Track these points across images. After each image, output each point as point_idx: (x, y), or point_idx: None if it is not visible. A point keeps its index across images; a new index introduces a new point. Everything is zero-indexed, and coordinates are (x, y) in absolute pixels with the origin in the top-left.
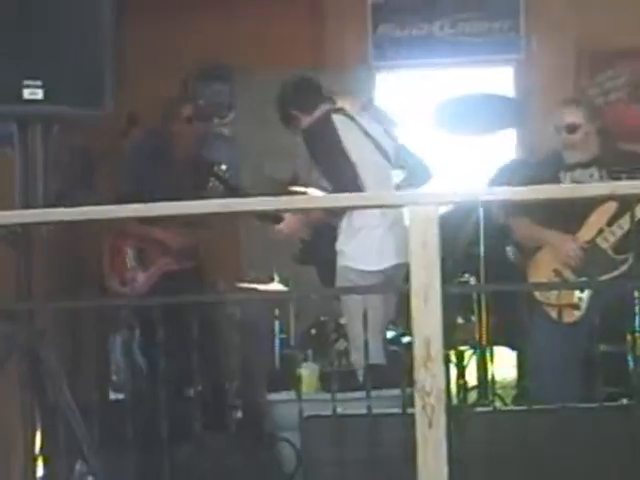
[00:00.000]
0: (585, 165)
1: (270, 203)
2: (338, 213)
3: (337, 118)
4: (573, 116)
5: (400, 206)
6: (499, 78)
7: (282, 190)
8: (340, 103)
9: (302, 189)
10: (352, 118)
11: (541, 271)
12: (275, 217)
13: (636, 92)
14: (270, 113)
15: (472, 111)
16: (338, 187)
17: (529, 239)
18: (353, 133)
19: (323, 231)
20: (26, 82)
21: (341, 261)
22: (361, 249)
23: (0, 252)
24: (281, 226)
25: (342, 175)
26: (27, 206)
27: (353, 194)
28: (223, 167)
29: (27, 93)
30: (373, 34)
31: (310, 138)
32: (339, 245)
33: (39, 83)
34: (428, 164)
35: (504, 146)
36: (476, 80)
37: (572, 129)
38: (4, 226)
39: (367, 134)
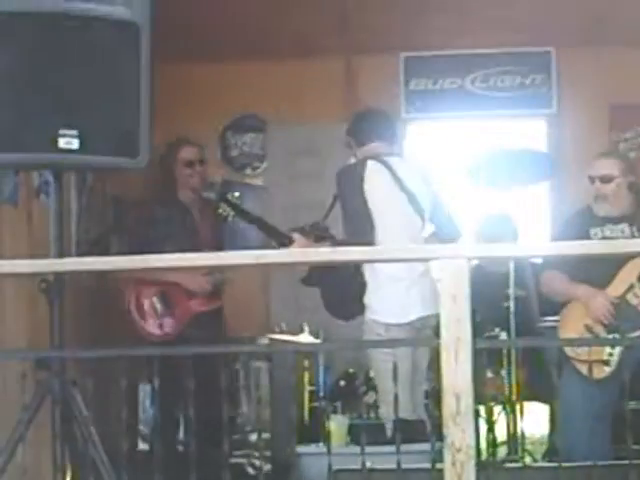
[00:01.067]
0: (616, 221)
1: (301, 255)
2: None
3: (371, 164)
4: (608, 168)
5: (432, 259)
6: (531, 132)
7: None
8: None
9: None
10: (389, 167)
11: (572, 326)
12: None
13: None
14: (301, 165)
15: (504, 165)
16: (349, 237)
17: (559, 293)
18: (385, 181)
19: None
20: (62, 131)
21: (368, 315)
22: (387, 302)
23: (35, 301)
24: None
25: (357, 223)
26: (61, 254)
27: (384, 247)
28: (236, 194)
29: (63, 142)
30: (405, 87)
31: (337, 181)
32: (367, 299)
33: (75, 132)
34: (458, 221)
35: (537, 200)
36: (508, 134)
37: (606, 180)
38: (39, 274)
39: (402, 184)
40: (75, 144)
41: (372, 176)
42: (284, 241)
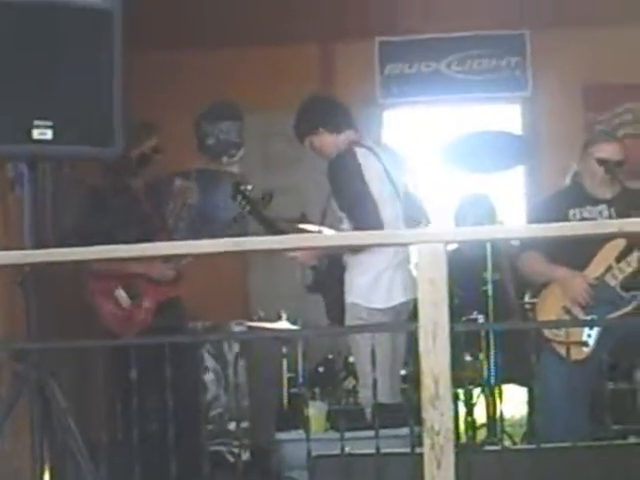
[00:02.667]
0: (595, 202)
1: (280, 242)
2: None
3: (360, 151)
4: (621, 153)
5: (408, 244)
6: (506, 115)
7: (291, 228)
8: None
9: (310, 227)
10: (374, 153)
11: (550, 308)
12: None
13: None
14: (278, 152)
15: (480, 149)
16: (360, 223)
17: (537, 275)
18: (374, 168)
19: (336, 261)
20: (36, 122)
21: (350, 298)
22: (371, 287)
23: (11, 293)
24: (296, 253)
25: (364, 211)
26: (37, 245)
27: (361, 232)
28: (249, 187)
29: (37, 133)
30: (381, 72)
31: (334, 171)
32: (347, 282)
33: (49, 123)
34: (426, 207)
35: (512, 182)
36: (483, 117)
37: (620, 164)
38: (14, 266)
39: (386, 170)
40: (49, 134)
41: (367, 164)
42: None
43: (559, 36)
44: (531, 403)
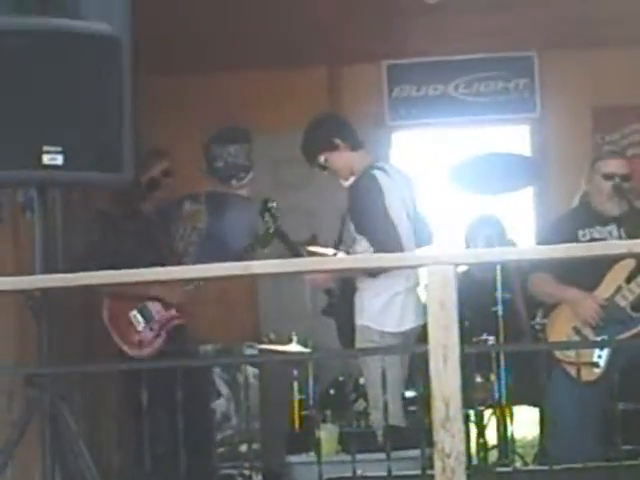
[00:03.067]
0: (605, 222)
1: (289, 265)
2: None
3: (379, 174)
4: (627, 167)
5: (418, 266)
6: (515, 137)
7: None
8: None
9: (320, 249)
10: (389, 175)
11: (560, 328)
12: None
13: None
14: (287, 175)
15: (489, 170)
16: (382, 246)
17: (547, 296)
18: (393, 191)
19: (349, 284)
20: (46, 148)
21: (361, 320)
22: (383, 310)
23: (22, 317)
24: (313, 276)
25: (387, 236)
26: (47, 271)
27: (371, 255)
28: (274, 204)
29: (47, 159)
30: (389, 95)
31: (357, 193)
32: (358, 304)
33: (59, 149)
34: (431, 227)
35: (521, 204)
36: (492, 139)
37: (627, 179)
38: (25, 291)
39: (400, 194)
40: (59, 160)
41: (387, 187)
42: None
43: (567, 58)
44: (542, 424)
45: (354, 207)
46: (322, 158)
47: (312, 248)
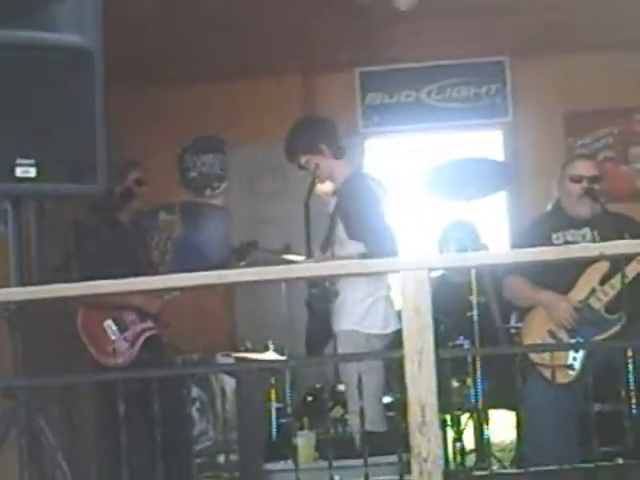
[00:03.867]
0: (578, 225)
1: (265, 273)
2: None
3: (369, 181)
4: (595, 169)
5: (392, 271)
6: (488, 142)
7: (276, 259)
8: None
9: (295, 257)
10: (379, 185)
11: (535, 331)
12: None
13: (624, 152)
14: (261, 184)
15: (462, 175)
16: (379, 250)
17: (522, 299)
18: (381, 197)
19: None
20: (19, 160)
21: (346, 325)
22: (368, 313)
23: None
24: None
25: (383, 240)
26: (22, 283)
27: (343, 262)
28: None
29: (20, 171)
30: (362, 102)
31: (348, 197)
32: (342, 310)
33: (31, 161)
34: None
35: (495, 208)
36: (465, 144)
37: (596, 180)
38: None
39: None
40: (32, 172)
41: (378, 194)
42: None
43: (538, 63)
44: (519, 427)
45: (347, 210)
46: (303, 159)
47: (286, 256)
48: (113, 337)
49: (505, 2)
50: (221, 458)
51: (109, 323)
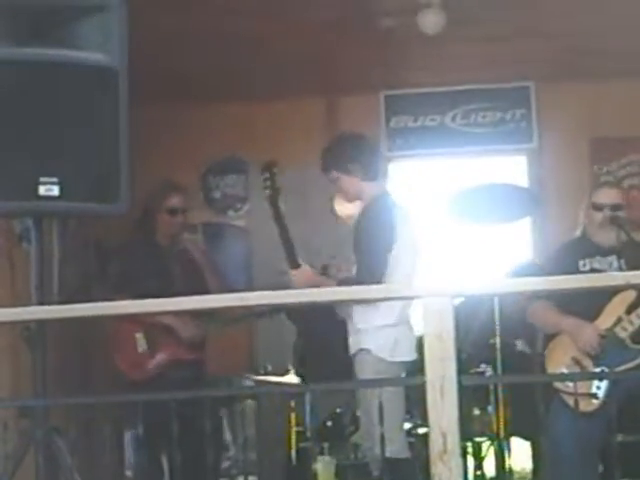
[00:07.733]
0: (605, 253)
1: (285, 297)
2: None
3: (397, 208)
4: (619, 197)
5: (415, 297)
6: (512, 167)
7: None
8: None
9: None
10: (399, 207)
11: (559, 358)
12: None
13: None
14: (284, 205)
15: (486, 201)
16: (365, 273)
17: (547, 325)
18: (406, 228)
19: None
20: (42, 179)
21: (367, 354)
22: (389, 341)
23: (17, 349)
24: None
25: (377, 263)
26: (43, 301)
27: (368, 286)
28: (276, 169)
29: (43, 190)
30: (386, 125)
31: (365, 218)
32: (361, 336)
33: (55, 179)
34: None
35: (519, 235)
36: (489, 169)
37: (618, 208)
38: (21, 322)
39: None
40: (55, 191)
41: (400, 222)
42: (293, 264)
43: (564, 89)
44: (535, 456)
45: (359, 229)
46: (335, 175)
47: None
48: (140, 349)
49: (531, 28)
50: (240, 479)
51: (140, 335)
